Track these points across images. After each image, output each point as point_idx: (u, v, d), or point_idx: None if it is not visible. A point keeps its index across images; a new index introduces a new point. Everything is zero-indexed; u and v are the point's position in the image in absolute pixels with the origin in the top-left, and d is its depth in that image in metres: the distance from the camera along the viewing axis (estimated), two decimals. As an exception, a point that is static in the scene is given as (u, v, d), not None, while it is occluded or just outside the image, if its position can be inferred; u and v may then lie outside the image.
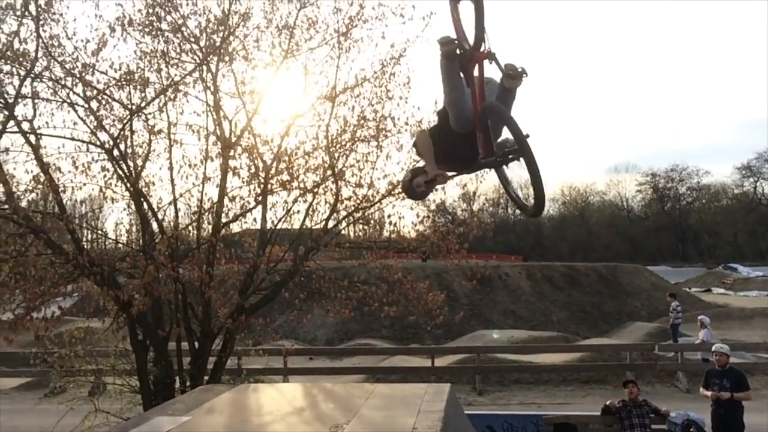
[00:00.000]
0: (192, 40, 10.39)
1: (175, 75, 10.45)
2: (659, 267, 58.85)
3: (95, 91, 10.09)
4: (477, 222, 12.95)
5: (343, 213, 11.75)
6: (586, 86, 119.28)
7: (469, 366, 19.06)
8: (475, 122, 4.47)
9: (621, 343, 23.01)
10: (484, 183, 60.74)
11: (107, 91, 10.20)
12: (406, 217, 11.93)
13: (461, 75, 4.59)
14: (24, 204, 10.14)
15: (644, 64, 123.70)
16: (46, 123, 10.04)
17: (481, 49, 4.35)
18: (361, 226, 15.24)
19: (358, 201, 11.42)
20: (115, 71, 10.13)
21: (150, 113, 10.47)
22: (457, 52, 4.53)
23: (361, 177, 11.18)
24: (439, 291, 12.50)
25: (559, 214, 78.43)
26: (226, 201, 10.65)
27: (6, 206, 9.93)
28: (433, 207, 13.15)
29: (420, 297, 11.58)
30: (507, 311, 33.65)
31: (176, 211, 10.87)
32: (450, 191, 11.69)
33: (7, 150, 10.14)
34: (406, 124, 11.11)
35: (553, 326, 31.60)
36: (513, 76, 4.37)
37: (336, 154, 11.04)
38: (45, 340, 10.82)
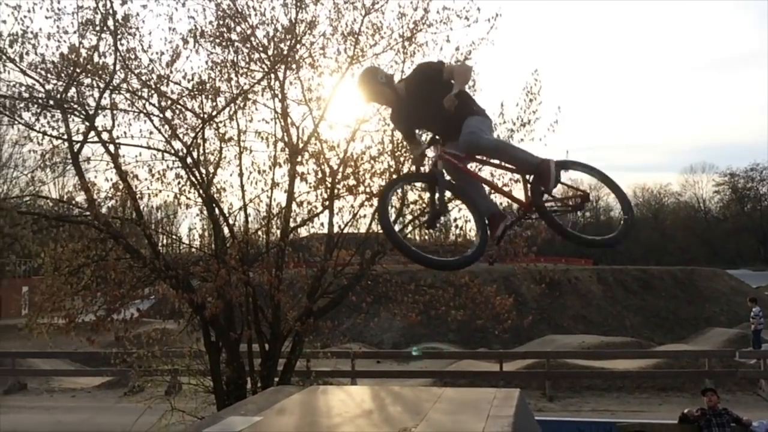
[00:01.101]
0: (260, 49, 10.64)
1: (245, 84, 10.74)
2: (739, 270, 56.26)
3: (169, 101, 10.48)
4: (545, 225, 12.70)
5: (409, 217, 11.77)
6: (660, 84, 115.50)
7: (538, 371, 18.74)
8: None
9: (699, 350, 22.18)
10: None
11: (181, 101, 10.58)
12: (472, 220, 11.81)
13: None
14: (104, 210, 10.63)
15: (721, 59, 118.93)
16: (124, 133, 10.52)
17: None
18: (427, 230, 15.23)
19: (424, 205, 11.40)
20: (188, 81, 10.50)
21: (221, 121, 10.79)
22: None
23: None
24: (507, 295, 12.34)
25: (632, 216, 76.26)
26: (294, 206, 10.85)
27: (88, 213, 10.42)
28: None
29: (487, 301, 11.46)
30: (577, 316, 32.91)
31: (246, 216, 11.15)
32: (517, 194, 11.47)
33: (88, 159, 10.66)
34: (472, 126, 11.02)
35: (626, 332, 30.71)
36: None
37: (401, 158, 11.06)
38: (124, 341, 11.25)
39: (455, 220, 11.60)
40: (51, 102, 10.01)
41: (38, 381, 21.00)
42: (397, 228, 4.81)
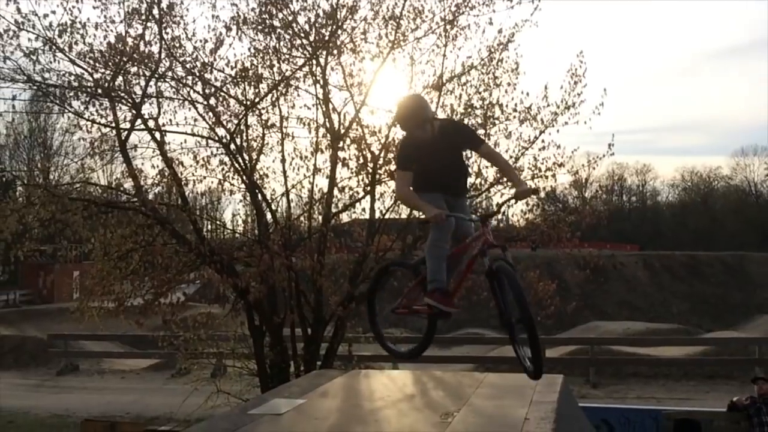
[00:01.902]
0: (302, 35, 10.66)
1: (287, 70, 10.80)
2: (792, 256, 54.54)
3: (213, 89, 10.61)
4: (590, 209, 12.52)
5: (451, 202, 11.69)
6: (709, 62, 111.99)
7: (582, 358, 18.53)
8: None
9: (749, 337, 21.59)
10: (597, 169, 58.52)
11: (224, 89, 10.70)
12: (515, 206, 11.70)
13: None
14: (151, 197, 10.86)
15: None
16: (170, 120, 10.72)
17: None
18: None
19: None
20: (231, 69, 10.60)
21: (263, 108, 10.88)
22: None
23: (468, 166, 11.09)
24: (550, 280, 12.18)
25: (679, 201, 74.09)
26: (335, 191, 10.90)
27: (135, 199, 10.66)
28: (543, 195, 12.80)
29: (530, 286, 11.36)
30: (622, 302, 32.43)
31: (288, 202, 11.24)
32: (561, 178, 11.31)
33: (135, 146, 10.89)
34: (515, 110, 10.89)
35: (673, 318, 30.13)
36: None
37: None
38: (171, 324, 11.50)
39: (498, 205, 11.49)
40: (99, 90, 10.23)
41: (89, 362, 21.68)
42: None
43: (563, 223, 11.48)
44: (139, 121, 10.52)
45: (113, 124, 10.49)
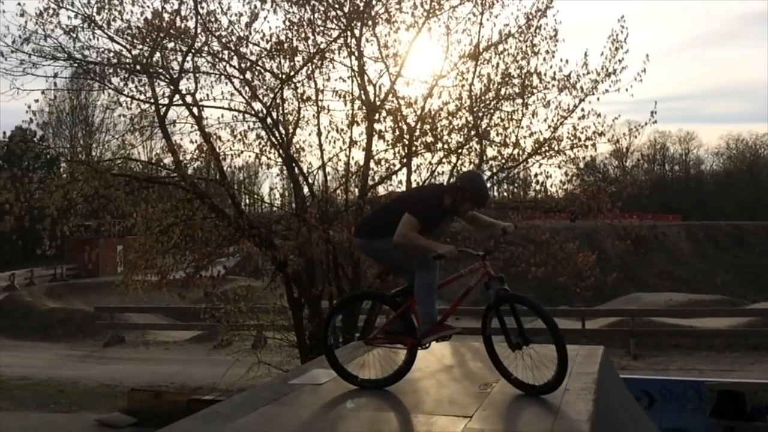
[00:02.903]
0: (336, 6, 10.58)
1: (321, 42, 10.75)
2: (842, 225, 52.78)
3: (249, 63, 10.62)
4: (630, 179, 12.28)
5: (488, 173, 11.59)
6: (754, 23, 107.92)
7: (622, 329, 18.34)
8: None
9: (796, 308, 21.07)
10: (639, 138, 57.23)
11: (259, 62, 10.71)
12: (553, 176, 11.53)
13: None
14: (190, 172, 11.00)
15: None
16: (207, 95, 10.79)
17: None
18: (506, 186, 15.00)
19: (503, 161, 11.20)
20: (266, 42, 10.59)
21: (299, 81, 10.87)
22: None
23: (506, 136, 10.95)
24: (590, 252, 12.03)
25: (724, 170, 72.03)
26: (371, 164, 10.88)
27: (175, 174, 10.81)
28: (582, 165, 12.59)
29: (569, 258, 11.23)
30: (664, 273, 31.92)
31: (325, 175, 11.28)
32: (601, 148, 11.12)
33: (174, 122, 11.01)
34: (553, 79, 10.67)
35: (717, 289, 29.55)
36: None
37: (480, 114, 10.86)
38: (213, 297, 11.70)
39: (536, 175, 11.36)
40: (137, 67, 10.34)
41: (135, 334, 22.27)
42: None
43: (603, 193, 11.27)
44: (177, 96, 10.62)
45: (152, 100, 10.61)
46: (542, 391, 4.08)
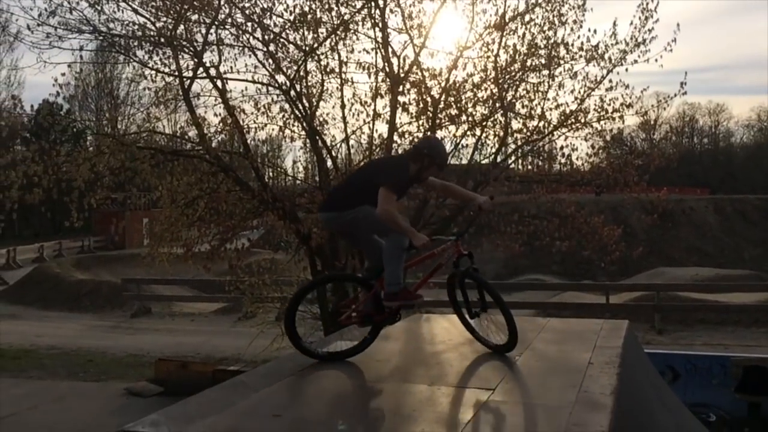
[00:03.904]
0: (360, -24, 10.45)
1: (345, 14, 10.63)
2: None
3: (272, 35, 10.57)
4: (658, 152, 12.09)
5: (513, 146, 11.48)
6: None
7: (647, 304, 18.20)
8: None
9: (826, 284, 20.72)
10: (668, 110, 56.21)
11: (283, 34, 10.64)
12: (579, 149, 11.38)
13: None
14: (214, 145, 11.03)
15: None
16: (230, 68, 10.76)
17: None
18: (531, 159, 14.84)
19: (528, 133, 11.07)
20: (290, 14, 10.51)
21: (322, 53, 10.79)
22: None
23: (531, 108, 10.82)
24: (615, 226, 11.90)
25: (754, 142, 70.46)
26: (395, 137, 10.82)
27: (200, 147, 10.86)
28: (608, 137, 12.40)
29: (594, 232, 11.13)
30: (691, 248, 31.51)
31: (349, 148, 11.23)
32: (629, 120, 10.88)
33: (198, 95, 11.02)
34: (581, 49, 10.48)
35: (745, 264, 29.10)
36: None
37: (505, 86, 10.72)
38: (237, 269, 11.79)
39: (561, 148, 11.23)
40: (162, 39, 10.34)
41: (161, 305, 22.63)
42: None
43: (630, 166, 11.11)
44: (200, 69, 10.61)
45: (176, 73, 10.62)
46: (503, 349, 4.53)
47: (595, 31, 10.47)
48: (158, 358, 13.52)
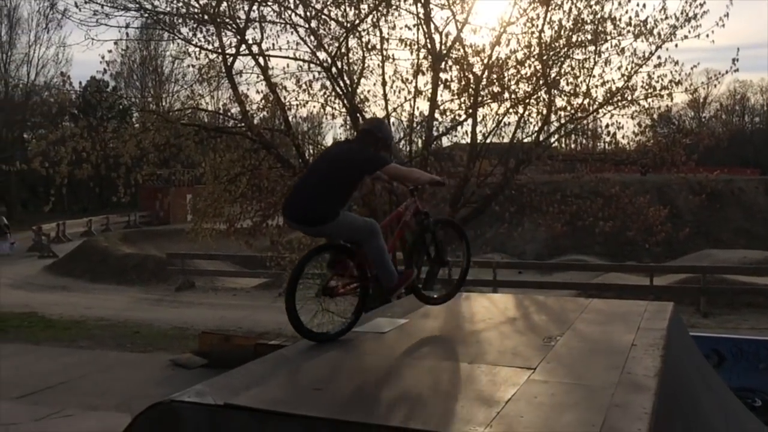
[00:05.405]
0: (402, -49, 10.33)
1: (388, -12, 10.53)
2: None
3: (314, 11, 10.54)
4: (707, 131, 11.75)
5: (556, 124, 11.28)
6: None
7: (693, 286, 17.83)
8: None
9: None
10: (718, 88, 54.43)
11: (325, 11, 10.61)
12: (625, 127, 11.11)
13: None
14: (256, 122, 11.12)
15: None
16: (272, 45, 10.79)
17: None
18: (575, 138, 14.59)
19: (573, 111, 10.87)
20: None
21: (364, 30, 10.73)
22: None
23: (576, 85, 10.60)
24: (661, 206, 11.64)
25: (810, 120, 68.05)
26: (436, 114, 10.74)
27: (242, 124, 10.95)
28: (656, 115, 12.07)
29: (640, 212, 10.92)
30: (739, 229, 30.69)
31: (390, 125, 11.17)
32: (677, 98, 10.55)
33: (240, 72, 11.09)
34: (629, 24, 10.19)
35: (797, 247, 28.24)
36: None
37: (549, 62, 10.52)
38: (278, 245, 11.92)
39: (607, 126, 10.98)
40: (205, 17, 10.41)
41: (204, 280, 23.06)
42: None
43: (678, 145, 10.83)
44: (243, 46, 10.68)
45: (219, 50, 10.71)
46: (438, 301, 5.23)
47: (644, 6, 10.17)
48: (202, 331, 13.81)
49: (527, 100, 10.67)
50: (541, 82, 10.44)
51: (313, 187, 4.39)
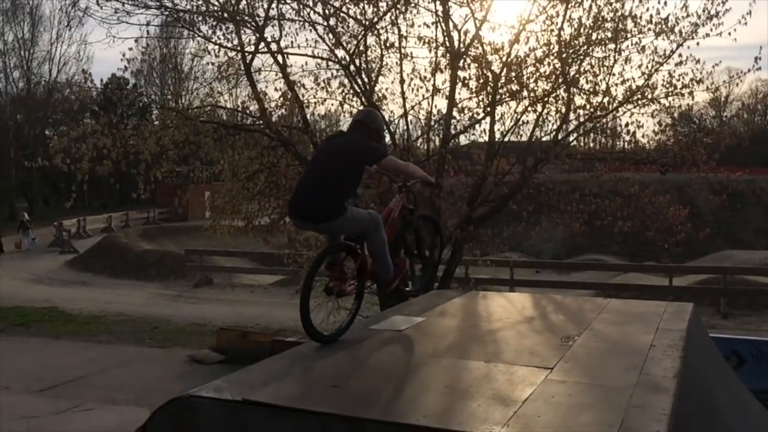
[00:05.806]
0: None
1: (406, -13, 10.51)
2: None
3: (332, 9, 10.55)
4: (729, 131, 11.60)
5: (575, 123, 11.21)
6: None
7: (713, 287, 17.65)
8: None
9: None
10: (740, 87, 53.74)
11: (343, 8, 10.61)
12: (645, 126, 11.00)
13: None
14: (275, 119, 11.16)
15: None
16: (291, 43, 10.83)
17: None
18: (594, 137, 14.48)
19: (592, 109, 10.78)
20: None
21: (382, 28, 10.73)
22: None
23: (595, 83, 10.51)
24: (681, 206, 11.52)
25: (834, 120, 66.84)
26: (454, 112, 10.70)
27: (261, 122, 11.00)
28: (676, 114, 11.96)
29: (659, 212, 10.81)
30: (760, 230, 30.32)
31: (407, 123, 11.17)
32: (698, 96, 10.45)
33: (259, 70, 11.14)
34: (650, 22, 10.09)
35: (819, 249, 27.82)
36: None
37: (569, 60, 10.44)
38: (296, 242, 11.96)
39: (626, 125, 10.88)
40: (225, 14, 10.46)
41: (222, 276, 23.22)
42: None
43: (699, 144, 10.71)
44: (262, 44, 10.72)
45: (238, 48, 10.76)
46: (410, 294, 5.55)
47: (665, 3, 10.06)
48: (220, 328, 13.92)
49: (546, 99, 10.61)
50: (560, 80, 10.37)
51: (316, 183, 4.40)
